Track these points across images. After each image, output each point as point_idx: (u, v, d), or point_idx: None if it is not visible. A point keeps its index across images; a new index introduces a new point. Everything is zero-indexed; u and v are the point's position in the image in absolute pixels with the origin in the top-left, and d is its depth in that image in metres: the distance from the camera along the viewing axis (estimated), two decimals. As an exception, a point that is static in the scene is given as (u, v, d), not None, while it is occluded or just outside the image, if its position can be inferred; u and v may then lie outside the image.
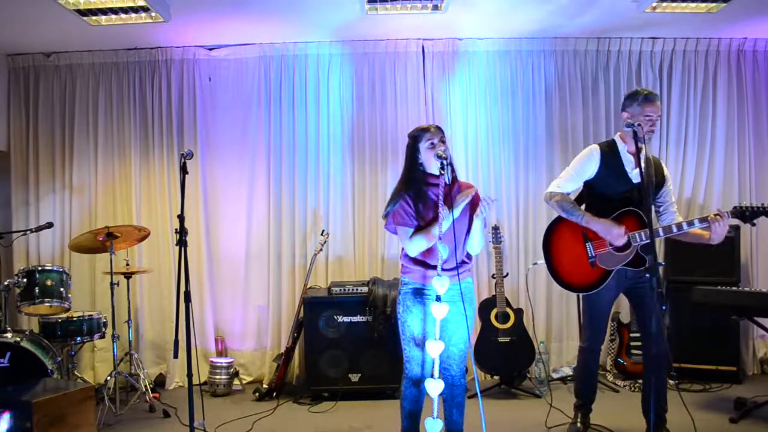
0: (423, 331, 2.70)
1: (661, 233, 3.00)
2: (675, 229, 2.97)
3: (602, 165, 3.12)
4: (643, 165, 2.93)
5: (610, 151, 3.14)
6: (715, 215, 2.87)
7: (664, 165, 3.27)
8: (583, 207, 3.20)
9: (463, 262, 2.76)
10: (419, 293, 2.72)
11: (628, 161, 3.10)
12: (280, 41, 4.73)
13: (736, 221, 2.98)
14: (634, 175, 3.09)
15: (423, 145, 2.70)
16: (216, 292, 4.81)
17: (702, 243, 3.02)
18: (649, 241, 2.88)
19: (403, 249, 2.75)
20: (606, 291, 3.10)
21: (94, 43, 4.64)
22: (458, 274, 2.61)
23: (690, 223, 2.96)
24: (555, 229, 3.25)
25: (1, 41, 4.52)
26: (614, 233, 2.99)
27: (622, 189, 3.09)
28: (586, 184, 3.21)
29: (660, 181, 3.16)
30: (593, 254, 3.09)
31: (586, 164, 3.15)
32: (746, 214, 2.88)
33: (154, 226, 4.55)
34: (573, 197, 3.25)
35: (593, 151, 3.16)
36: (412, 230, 2.68)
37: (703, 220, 2.91)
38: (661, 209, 3.22)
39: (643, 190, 2.89)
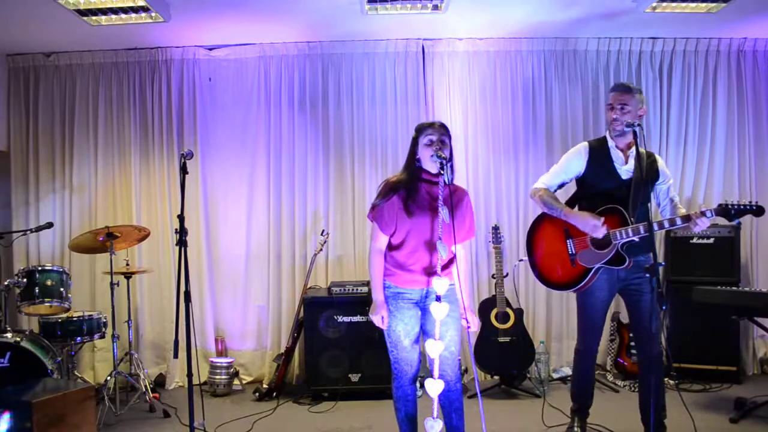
0: (408, 333, 2.66)
1: (642, 230, 2.85)
2: (656, 227, 2.88)
3: (591, 161, 3.09)
4: (634, 161, 2.94)
5: (599, 147, 3.11)
6: (701, 213, 2.82)
7: (660, 161, 3.18)
8: (576, 207, 3.15)
9: (450, 261, 2.71)
10: (400, 297, 2.68)
11: (617, 157, 3.05)
12: (280, 41, 4.73)
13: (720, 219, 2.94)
14: (624, 171, 3.03)
15: (422, 140, 2.65)
16: (216, 292, 4.81)
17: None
18: (629, 239, 2.87)
19: (386, 253, 2.72)
20: (597, 291, 3.04)
21: (94, 43, 4.64)
22: (457, 275, 2.61)
23: (672, 222, 2.90)
24: (538, 227, 3.24)
25: (1, 41, 4.52)
26: (590, 224, 2.92)
27: (612, 185, 3.03)
28: (578, 181, 3.19)
29: (653, 177, 3.09)
30: (573, 251, 3.06)
31: (573, 160, 3.14)
32: (731, 212, 2.81)
33: (154, 226, 4.56)
34: (568, 197, 3.23)
35: (582, 148, 3.15)
36: (382, 236, 2.69)
37: (686, 218, 2.85)
38: (660, 206, 3.17)
39: (632, 186, 2.88)
